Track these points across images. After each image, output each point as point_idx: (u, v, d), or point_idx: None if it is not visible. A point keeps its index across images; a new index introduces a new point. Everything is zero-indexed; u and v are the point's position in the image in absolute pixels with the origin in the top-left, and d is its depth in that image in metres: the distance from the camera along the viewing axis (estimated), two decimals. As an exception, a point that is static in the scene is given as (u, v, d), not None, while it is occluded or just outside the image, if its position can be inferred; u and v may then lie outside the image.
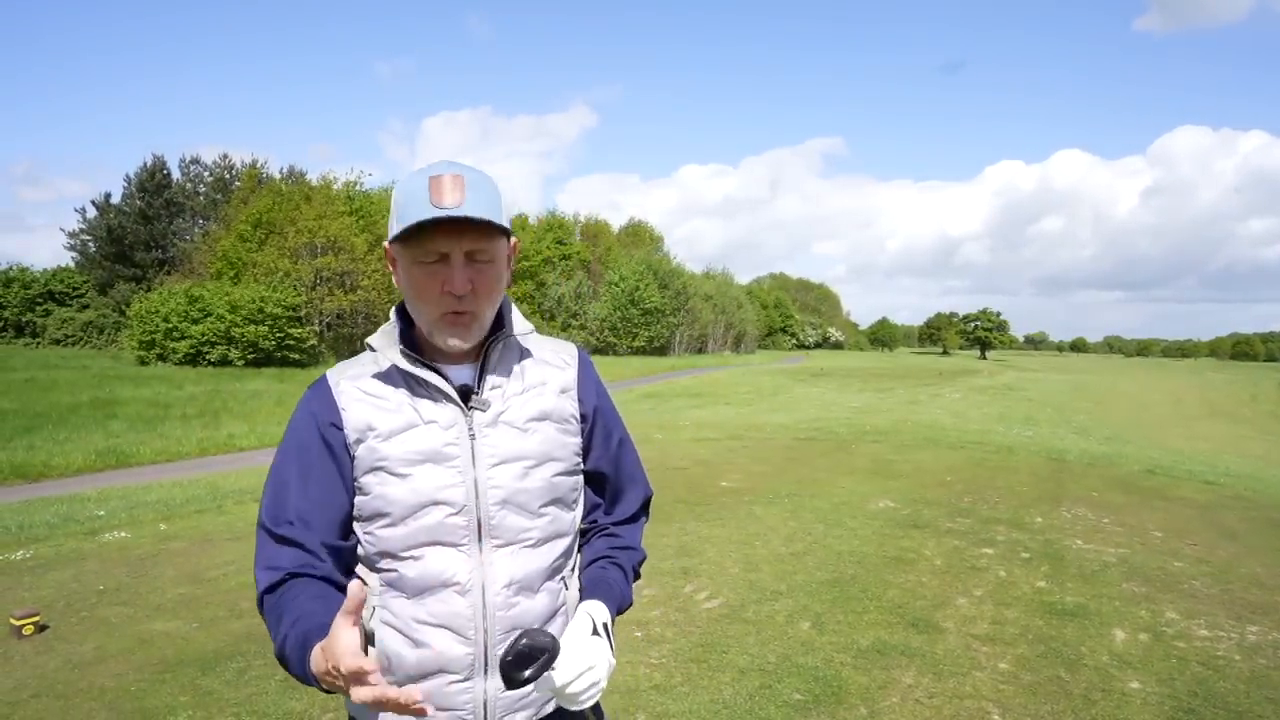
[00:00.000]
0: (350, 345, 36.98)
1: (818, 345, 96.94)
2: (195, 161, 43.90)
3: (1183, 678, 3.51)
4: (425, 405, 1.20)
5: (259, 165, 42.99)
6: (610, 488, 1.37)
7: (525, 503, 1.21)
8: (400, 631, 1.17)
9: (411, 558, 1.17)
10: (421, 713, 0.95)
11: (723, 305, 67.79)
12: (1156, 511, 7.04)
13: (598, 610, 1.19)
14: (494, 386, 1.24)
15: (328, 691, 1.03)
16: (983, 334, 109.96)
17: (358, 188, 40.22)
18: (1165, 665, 3.64)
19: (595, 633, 1.15)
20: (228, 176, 43.68)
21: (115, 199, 41.25)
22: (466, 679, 1.17)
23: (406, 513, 1.17)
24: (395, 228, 1.16)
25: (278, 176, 42.74)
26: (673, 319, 57.37)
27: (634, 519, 1.40)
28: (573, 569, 1.31)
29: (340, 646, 0.94)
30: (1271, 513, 7.22)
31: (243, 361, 29.45)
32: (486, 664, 1.17)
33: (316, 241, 34.17)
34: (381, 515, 1.18)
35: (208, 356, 29.00)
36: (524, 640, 1.03)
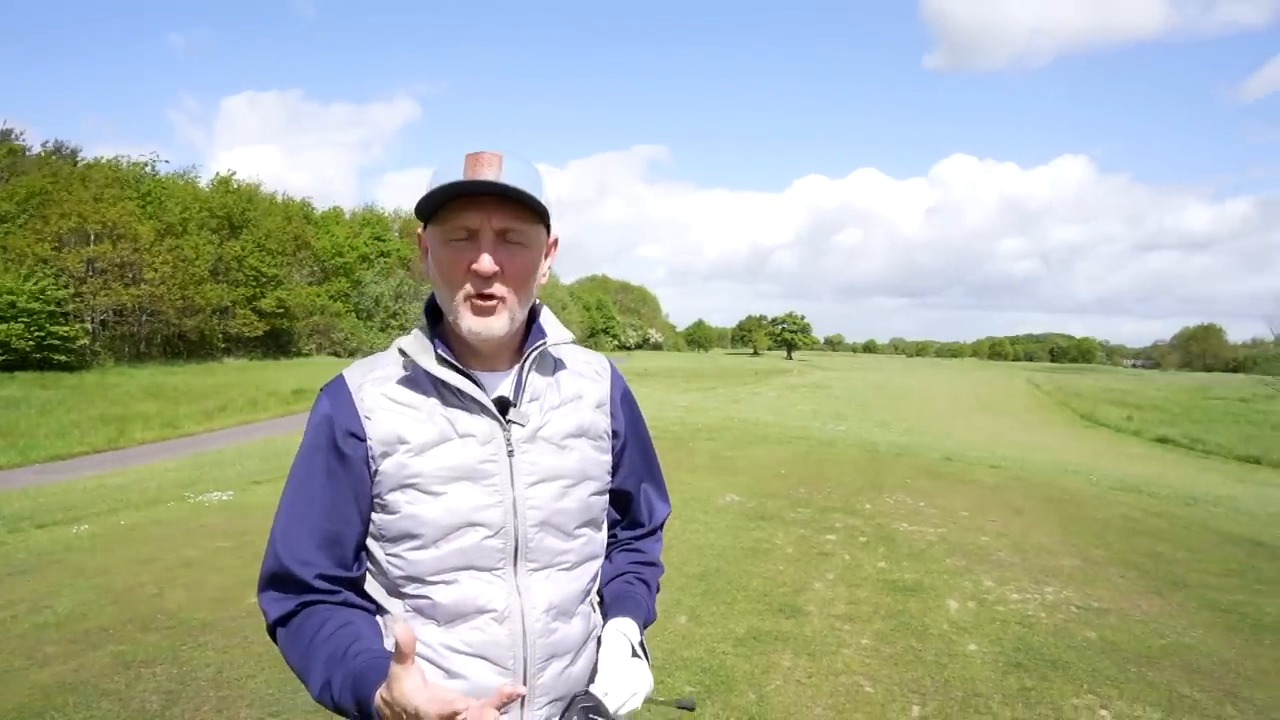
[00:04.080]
0: (133, 344, 32.78)
1: (639, 346, 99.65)
2: (-81, 126, 36.80)
3: (1007, 636, 4.02)
4: (459, 416, 1.09)
5: (14, 135, 36.92)
6: (634, 505, 1.32)
7: (562, 524, 1.14)
8: (431, 662, 1.07)
9: (443, 582, 1.07)
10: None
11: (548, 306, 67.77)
12: (959, 494, 7.98)
13: (631, 630, 1.16)
14: (533, 398, 1.14)
15: None
16: (789, 336, 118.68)
17: (147, 170, 35.69)
18: (992, 627, 4.15)
19: (635, 654, 1.13)
20: (-34, 147, 37.06)
21: None
22: (504, 712, 1.08)
23: (439, 534, 1.06)
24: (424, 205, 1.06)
25: (39, 150, 36.97)
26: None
27: (652, 535, 1.36)
28: (597, 590, 1.26)
29: (413, 696, 0.87)
30: (1045, 490, 8.45)
31: (-10, 365, 25.15)
32: (525, 696, 1.09)
33: (89, 228, 29.89)
34: (411, 537, 1.07)
35: (-59, 359, 24.47)
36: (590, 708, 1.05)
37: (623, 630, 1.16)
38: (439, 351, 1.10)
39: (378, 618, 1.12)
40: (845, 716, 3.14)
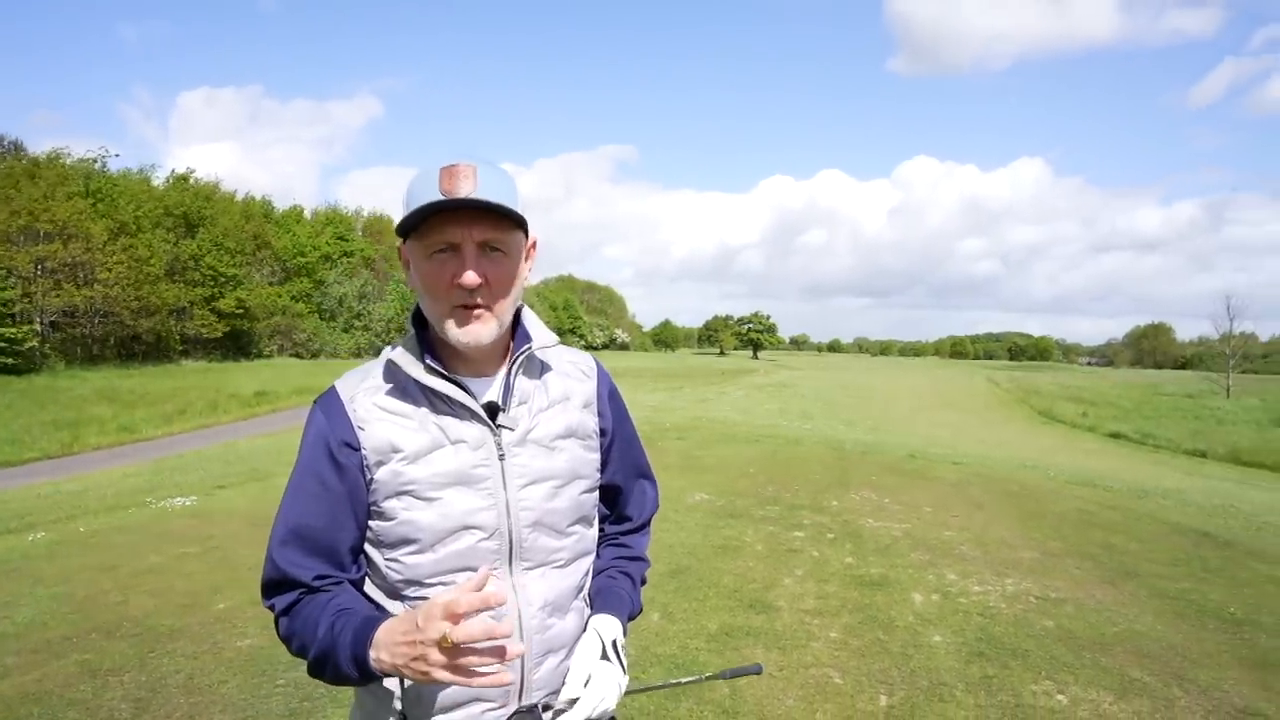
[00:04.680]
0: (85, 346, 31.84)
1: (605, 346, 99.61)
2: None
3: (970, 627, 4.15)
4: (450, 423, 1.13)
5: (-46, 131, 35.57)
6: (622, 500, 1.36)
7: (555, 523, 1.17)
8: None
9: (441, 584, 1.10)
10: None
11: (515, 307, 67.47)
12: (922, 490, 8.17)
13: (608, 628, 1.19)
14: (521, 402, 1.18)
15: (380, 676, 1.01)
16: (755, 335, 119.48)
17: (97, 166, 34.65)
18: (955, 618, 4.28)
19: (604, 656, 1.16)
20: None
21: None
22: (502, 705, 1.12)
23: (436, 539, 1.10)
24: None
25: (-19, 146, 35.70)
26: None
27: (640, 530, 1.39)
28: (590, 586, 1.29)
29: (404, 618, 0.97)
30: (1005, 485, 8.69)
31: (-68, 368, 24.24)
32: (521, 689, 1.13)
33: (39, 226, 28.95)
34: (408, 542, 1.10)
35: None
36: None
37: (599, 630, 1.19)
38: (427, 361, 1.13)
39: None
40: (816, 707, 3.23)
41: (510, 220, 1.09)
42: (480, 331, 1.10)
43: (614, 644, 1.18)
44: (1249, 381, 52.35)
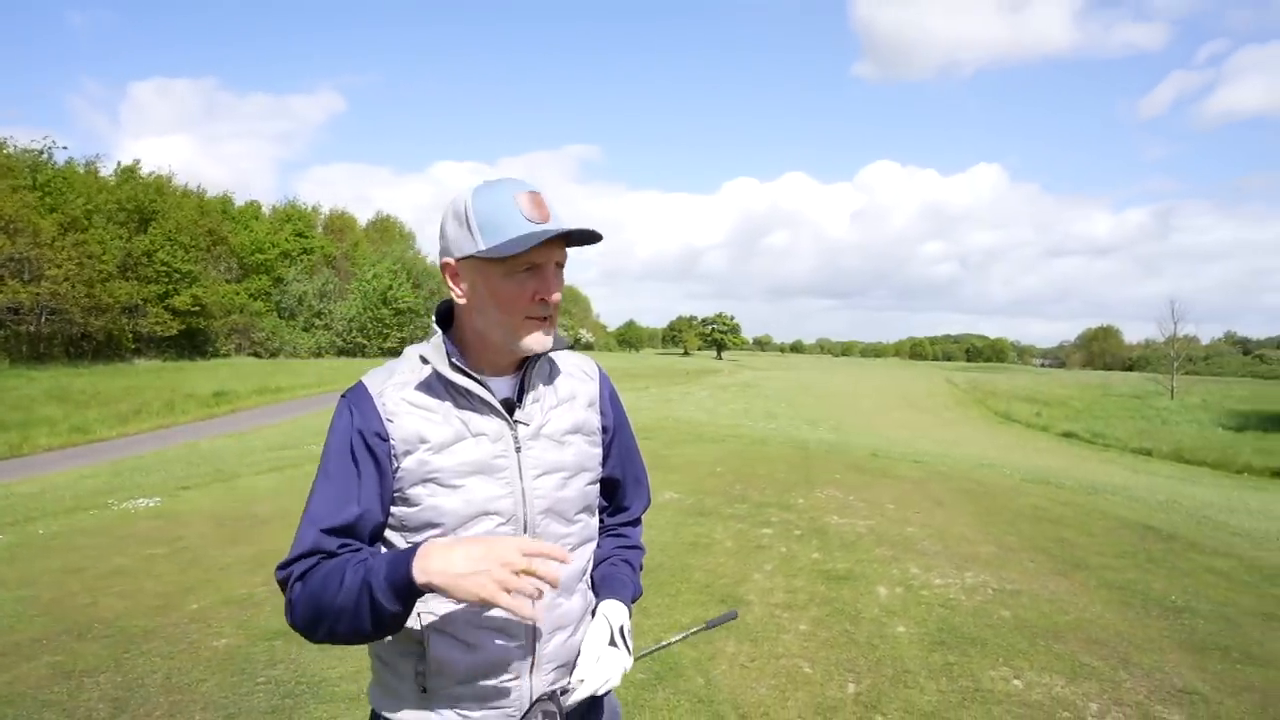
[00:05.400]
0: (33, 345, 30.78)
1: (570, 347, 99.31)
2: None
3: (932, 618, 4.33)
4: (472, 417, 1.23)
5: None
6: (619, 493, 1.47)
7: (564, 511, 1.29)
8: (453, 636, 1.20)
9: None
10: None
11: (480, 306, 66.83)
12: (885, 488, 8.40)
13: (616, 613, 1.30)
14: (534, 400, 1.29)
15: (413, 595, 1.09)
16: (719, 336, 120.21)
17: (44, 158, 33.50)
18: (918, 610, 4.46)
19: (612, 642, 1.27)
20: None
21: None
22: (516, 677, 1.23)
23: (458, 523, 1.19)
24: (482, 242, 1.18)
25: (-80, 136, 34.23)
26: (427, 319, 55.35)
27: (635, 523, 1.51)
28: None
29: (475, 541, 1.10)
30: (963, 483, 8.97)
31: None
32: (533, 663, 1.24)
33: (-18, 220, 27.96)
34: (432, 526, 1.19)
35: None
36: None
37: (608, 615, 1.30)
38: (453, 360, 1.23)
39: None
40: (787, 696, 3.36)
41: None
42: (548, 341, 1.25)
43: (621, 630, 1.29)
44: (1191, 382, 54.31)
